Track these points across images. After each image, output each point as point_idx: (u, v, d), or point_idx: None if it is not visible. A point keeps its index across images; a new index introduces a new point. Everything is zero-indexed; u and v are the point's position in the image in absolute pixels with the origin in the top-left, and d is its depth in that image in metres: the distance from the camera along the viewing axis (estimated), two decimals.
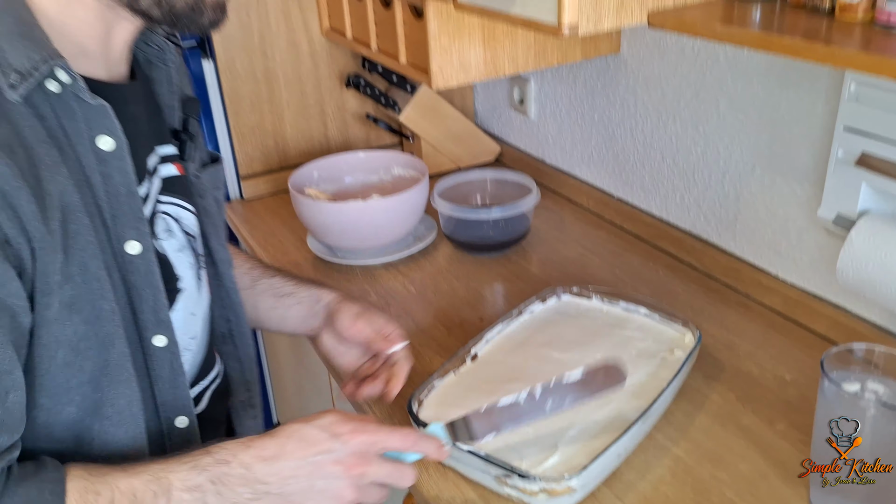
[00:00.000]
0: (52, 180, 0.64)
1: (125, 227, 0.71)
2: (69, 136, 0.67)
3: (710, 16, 0.89)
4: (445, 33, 1.22)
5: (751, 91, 1.14)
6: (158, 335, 0.75)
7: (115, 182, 0.70)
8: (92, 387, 0.70)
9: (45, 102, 0.65)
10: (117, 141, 0.70)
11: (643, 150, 1.38)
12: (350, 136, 1.80)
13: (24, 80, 0.62)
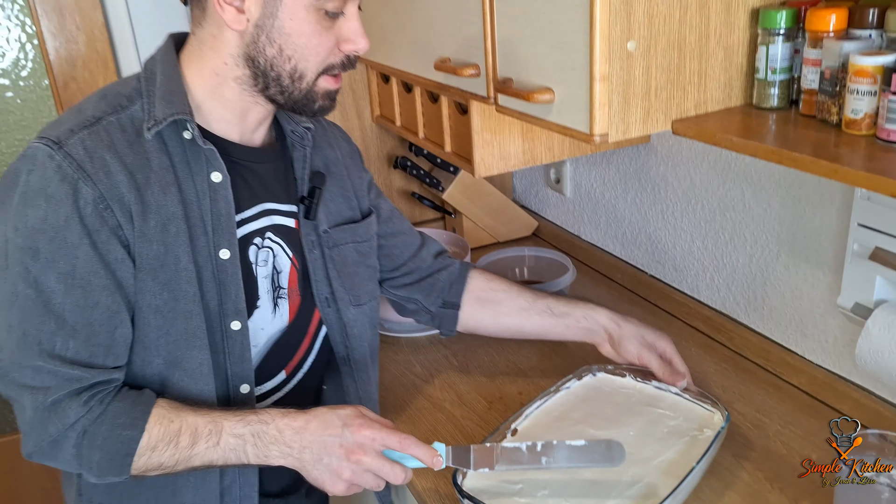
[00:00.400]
0: (161, 195, 0.91)
1: (221, 238, 0.96)
2: (192, 169, 0.93)
3: (729, 124, 0.97)
4: (488, 128, 1.32)
5: (773, 182, 1.22)
6: (235, 321, 0.98)
7: (219, 205, 0.95)
8: (174, 346, 0.94)
9: (178, 144, 0.93)
10: (224, 177, 0.95)
11: (674, 231, 1.46)
12: None
13: (156, 126, 0.90)
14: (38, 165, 0.86)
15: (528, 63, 1.06)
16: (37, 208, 0.85)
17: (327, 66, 0.95)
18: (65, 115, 0.92)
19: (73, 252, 0.86)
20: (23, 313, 0.87)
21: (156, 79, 0.94)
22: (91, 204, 0.86)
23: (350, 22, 0.94)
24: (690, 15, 0.95)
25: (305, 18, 0.90)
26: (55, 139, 0.87)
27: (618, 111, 0.96)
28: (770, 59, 0.97)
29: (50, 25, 1.96)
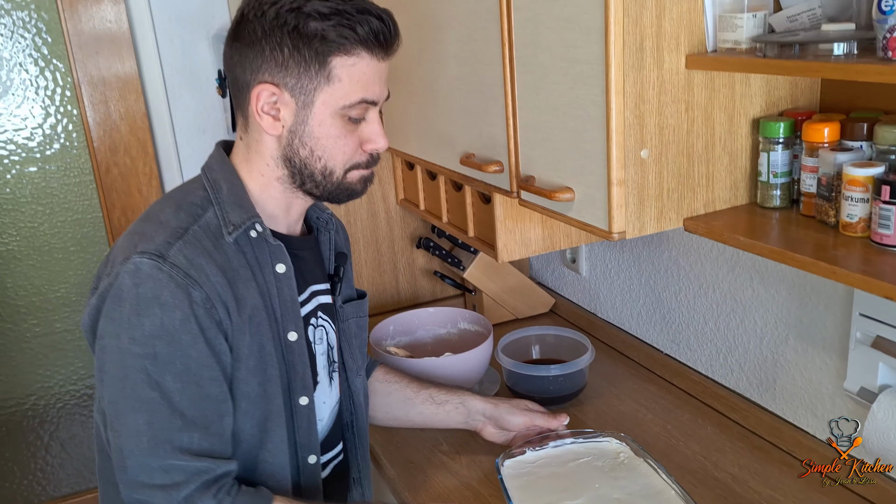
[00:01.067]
0: (245, 289, 1.01)
1: (288, 322, 1.07)
2: (260, 263, 1.05)
3: (736, 223, 1.06)
4: (510, 217, 1.42)
5: (779, 272, 1.30)
6: (303, 396, 1.09)
7: (284, 293, 1.07)
8: (259, 428, 1.05)
9: (247, 243, 1.04)
10: (287, 267, 1.07)
11: (687, 313, 1.53)
12: (418, 289, 2.00)
13: (236, 230, 1.02)
14: (145, 277, 0.94)
15: (549, 164, 1.16)
16: (152, 316, 0.93)
17: (353, 163, 1.06)
18: (148, 228, 1.00)
19: (187, 351, 0.95)
20: (150, 415, 0.94)
21: (221, 186, 1.05)
22: (201, 305, 0.96)
23: (371, 125, 1.06)
24: (697, 125, 1.05)
25: (332, 124, 1.02)
26: (156, 252, 0.95)
27: (634, 211, 1.05)
28: (771, 164, 1.06)
29: (95, 115, 2.09)
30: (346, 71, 1.00)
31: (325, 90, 1.00)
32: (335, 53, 0.99)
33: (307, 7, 0.97)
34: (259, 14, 0.98)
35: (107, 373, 0.96)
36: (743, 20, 0.96)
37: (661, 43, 0.99)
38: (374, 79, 1.03)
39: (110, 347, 0.95)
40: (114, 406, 0.95)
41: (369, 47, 1.00)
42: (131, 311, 0.94)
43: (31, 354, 2.21)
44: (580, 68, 1.03)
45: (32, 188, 2.11)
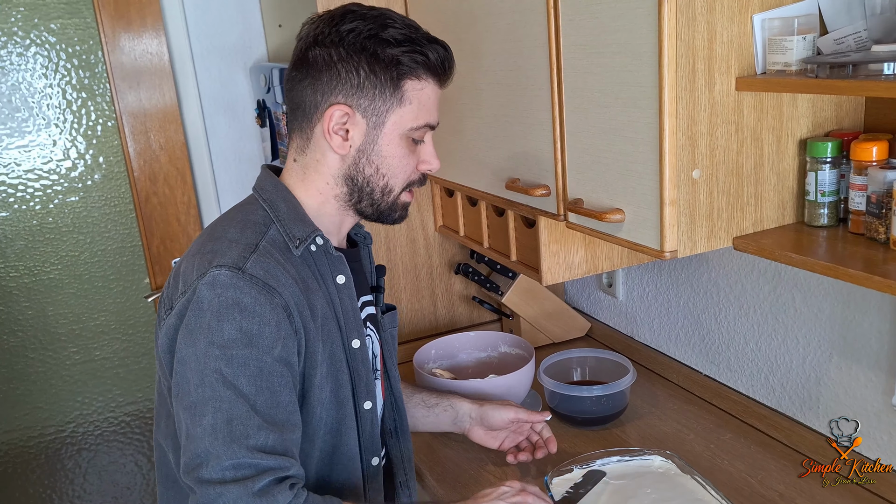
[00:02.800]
0: (316, 299, 1.07)
1: (351, 330, 1.13)
2: (322, 274, 1.10)
3: (785, 241, 1.09)
4: (554, 240, 1.45)
5: (822, 289, 1.32)
6: (367, 401, 1.15)
7: (346, 303, 1.13)
8: (332, 434, 1.10)
9: (310, 256, 1.10)
10: (347, 278, 1.13)
11: (728, 334, 1.55)
12: (455, 315, 2.03)
13: (302, 244, 1.08)
14: (226, 286, 0.98)
15: (598, 186, 1.19)
16: (231, 321, 0.97)
17: (409, 182, 1.14)
18: (218, 246, 1.03)
19: (262, 356, 0.98)
20: (228, 413, 0.95)
21: (279, 206, 1.10)
22: (281, 311, 0.99)
23: (427, 147, 1.14)
24: (746, 146, 1.08)
25: (399, 144, 1.10)
26: (234, 265, 0.99)
27: (685, 231, 1.08)
28: (819, 183, 1.09)
29: (136, 146, 2.15)
30: (416, 94, 1.08)
31: (396, 112, 1.08)
32: (408, 77, 1.06)
33: (384, 34, 1.04)
34: (336, 40, 1.05)
35: (185, 382, 0.97)
36: (793, 42, 1.00)
37: (713, 66, 1.03)
38: (435, 104, 1.12)
39: (188, 356, 0.98)
40: (192, 411, 0.96)
41: (436, 74, 1.09)
42: (212, 317, 0.97)
43: (70, 382, 2.24)
44: (632, 91, 1.06)
45: (74, 217, 2.16)
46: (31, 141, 2.08)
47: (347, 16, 1.06)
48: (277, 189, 1.12)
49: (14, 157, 2.07)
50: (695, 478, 1.26)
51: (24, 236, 2.12)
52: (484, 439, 1.42)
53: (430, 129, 1.12)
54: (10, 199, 2.09)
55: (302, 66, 1.08)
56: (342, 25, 1.05)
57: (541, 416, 1.40)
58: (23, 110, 2.05)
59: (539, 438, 1.42)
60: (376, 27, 1.04)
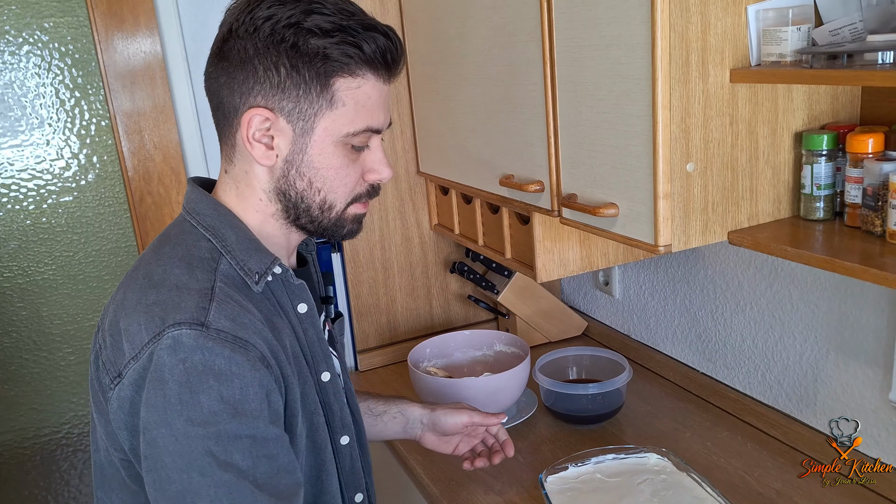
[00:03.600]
0: (284, 338, 0.92)
1: (319, 362, 1.00)
2: (282, 305, 0.96)
3: (781, 235, 1.07)
4: (548, 237, 1.43)
5: (819, 285, 1.31)
6: (344, 436, 1.04)
7: (311, 334, 0.99)
8: (314, 480, 0.99)
9: (267, 287, 0.95)
10: (310, 306, 0.98)
11: (724, 331, 1.54)
12: (451, 314, 2.01)
13: (262, 278, 0.93)
14: (190, 350, 0.81)
15: (592, 181, 1.18)
16: (208, 390, 0.80)
17: (355, 195, 0.97)
18: (165, 296, 0.86)
19: (253, 423, 0.83)
20: (231, 499, 0.81)
21: (225, 234, 0.93)
22: (260, 365, 0.84)
23: (374, 153, 0.96)
24: (741, 139, 1.07)
25: (333, 153, 0.92)
26: (195, 321, 0.82)
27: (679, 224, 1.06)
28: (815, 176, 1.08)
29: (130, 145, 2.14)
30: (350, 94, 0.90)
31: (327, 115, 0.90)
32: (339, 74, 0.89)
33: (307, 22, 0.86)
34: (251, 30, 0.87)
35: (164, 468, 0.81)
36: (787, 33, 0.98)
37: (707, 57, 1.02)
38: (379, 103, 0.94)
39: (163, 438, 0.81)
40: (183, 500, 0.81)
41: (375, 68, 0.91)
42: (181, 389, 0.80)
43: (65, 383, 2.22)
44: (626, 84, 1.05)
45: (68, 217, 2.14)
46: (24, 140, 2.07)
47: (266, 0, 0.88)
48: (218, 213, 0.94)
49: (7, 157, 2.06)
50: (691, 475, 1.25)
51: (18, 236, 2.11)
52: (437, 445, 1.29)
53: (372, 133, 0.94)
54: (3, 198, 2.08)
55: (217, 60, 0.91)
56: (258, 11, 0.87)
57: (496, 419, 1.28)
58: (15, 109, 2.04)
59: (495, 442, 1.31)
60: (298, 13, 0.86)
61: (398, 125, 1.82)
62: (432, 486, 1.40)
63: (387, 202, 1.86)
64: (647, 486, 1.25)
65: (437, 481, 1.41)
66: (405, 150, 1.84)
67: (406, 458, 1.51)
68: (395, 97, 1.79)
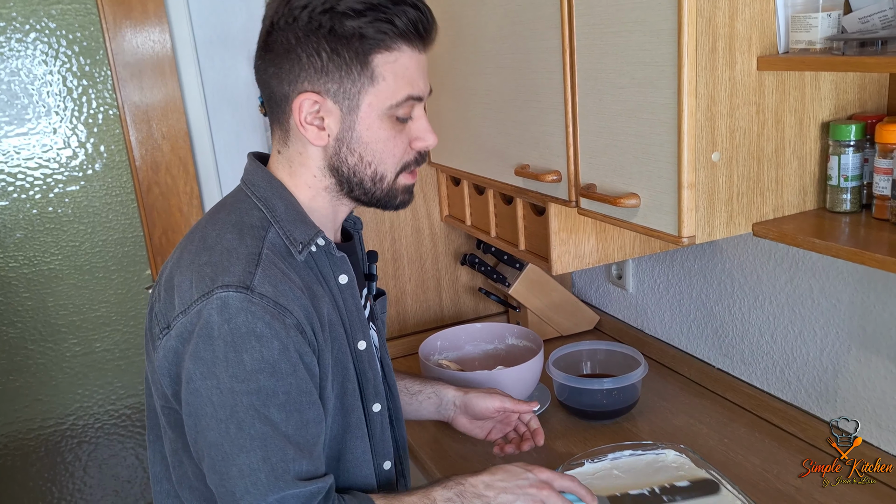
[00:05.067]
0: (322, 304, 0.98)
1: (357, 331, 1.06)
2: (324, 276, 1.02)
3: (806, 227, 1.05)
4: (564, 228, 1.41)
5: (841, 278, 1.28)
6: (376, 403, 1.09)
7: (349, 303, 1.05)
8: (336, 441, 1.03)
9: (311, 257, 1.01)
10: (350, 277, 1.05)
11: (742, 326, 1.51)
12: (461, 306, 1.99)
13: (305, 248, 0.99)
14: (236, 311, 0.89)
15: (612, 170, 1.15)
16: (251, 350, 0.89)
17: (404, 164, 1.02)
18: (217, 258, 0.93)
19: (287, 380, 0.91)
20: (265, 451, 0.89)
21: (275, 205, 1.00)
22: (296, 331, 0.92)
23: (418, 121, 1.01)
24: (767, 128, 1.05)
25: (380, 126, 0.98)
26: (241, 284, 0.90)
27: (704, 215, 1.04)
28: (842, 167, 1.05)
29: (138, 135, 2.11)
30: (388, 68, 0.95)
31: (369, 91, 0.96)
32: (376, 51, 0.94)
33: (340, 6, 0.92)
34: (290, 21, 0.93)
35: (205, 416, 0.90)
36: (818, 20, 0.96)
37: (734, 44, 0.99)
38: (417, 73, 0.98)
39: (206, 389, 0.90)
40: (217, 448, 0.90)
41: (409, 40, 0.95)
42: (227, 347, 0.89)
43: (70, 374, 2.21)
44: (649, 71, 1.03)
45: (74, 207, 2.12)
46: (31, 129, 2.05)
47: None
48: (272, 185, 1.01)
49: (13, 145, 2.03)
50: (710, 472, 1.23)
51: (24, 226, 2.09)
52: (469, 429, 1.33)
53: (416, 101, 0.99)
54: (10, 187, 2.06)
55: (264, 52, 0.98)
56: (294, 2, 0.93)
57: (528, 406, 1.30)
58: (22, 97, 2.02)
59: (526, 430, 1.33)
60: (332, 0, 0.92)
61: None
62: None
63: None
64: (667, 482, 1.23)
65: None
66: None
67: (417, 452, 1.49)
68: None
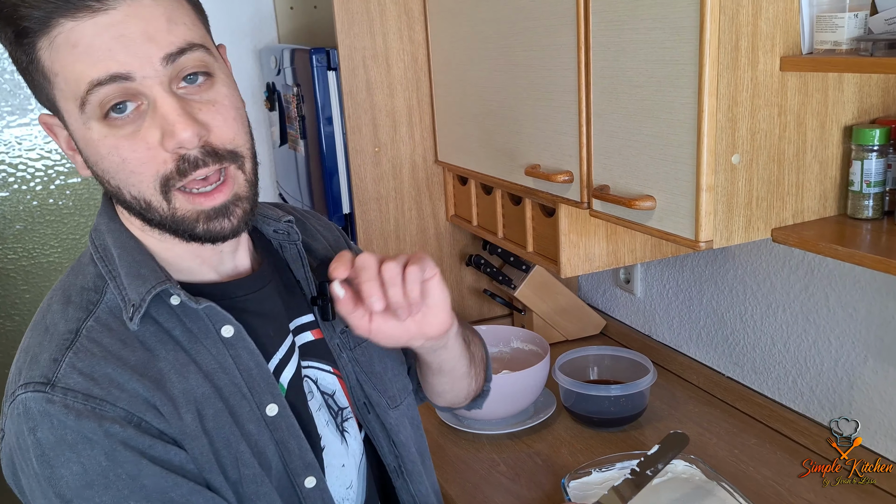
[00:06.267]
0: (176, 386, 0.76)
1: (262, 394, 0.81)
2: (196, 336, 0.79)
3: (827, 233, 1.02)
4: (574, 230, 1.38)
5: (859, 288, 1.25)
6: (309, 477, 0.84)
7: (245, 360, 0.81)
8: None
9: (171, 315, 0.78)
10: (235, 328, 0.80)
11: (753, 334, 1.48)
12: (465, 308, 1.96)
13: (136, 311, 0.75)
14: (38, 418, 0.71)
15: (627, 172, 1.12)
16: (68, 464, 0.71)
17: (162, 178, 0.73)
18: (33, 341, 0.77)
19: (135, 484, 0.72)
20: None
21: (111, 254, 0.79)
22: (126, 425, 0.72)
23: (159, 111, 0.71)
24: (789, 131, 1.02)
25: (89, 133, 0.73)
26: (42, 380, 0.72)
27: (722, 219, 1.01)
28: (865, 173, 1.02)
29: None
30: (53, 56, 0.70)
31: (55, 94, 0.72)
32: (36, 38, 0.69)
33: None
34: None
35: None
36: (844, 20, 0.92)
37: (757, 43, 0.96)
38: (99, 46, 0.69)
39: None
40: None
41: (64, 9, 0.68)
42: (41, 464, 0.71)
43: None
44: (669, 70, 0.99)
45: (76, 199, 2.10)
46: (33, 119, 2.02)
47: None
48: (110, 228, 0.80)
49: (15, 135, 2.01)
50: (721, 484, 1.20)
51: (24, 217, 2.06)
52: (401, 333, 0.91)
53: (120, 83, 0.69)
54: (10, 178, 2.03)
55: None
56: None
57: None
58: (25, 87, 1.99)
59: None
60: None
61: (416, 111, 1.76)
62: (445, 486, 1.35)
63: (403, 191, 1.80)
64: (675, 494, 1.20)
65: (450, 482, 1.36)
66: (423, 138, 1.78)
67: None
68: (415, 82, 1.74)
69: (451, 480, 1.36)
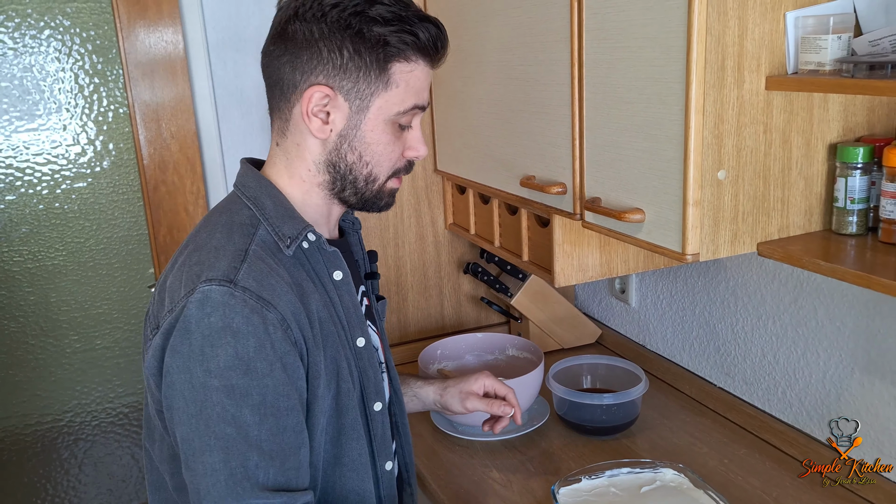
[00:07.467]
0: (312, 302, 0.98)
1: (354, 328, 1.06)
2: (318, 273, 1.02)
3: (812, 249, 1.04)
4: (568, 241, 1.40)
5: (846, 301, 1.27)
6: (377, 402, 1.08)
7: (346, 300, 1.05)
8: (332, 444, 1.02)
9: (302, 254, 1.01)
10: (345, 273, 1.05)
11: (744, 345, 1.50)
12: (462, 316, 1.98)
13: (293, 243, 0.99)
14: (216, 305, 0.88)
15: (618, 185, 1.15)
16: (225, 346, 0.87)
17: (395, 170, 1.05)
18: (205, 256, 0.94)
19: (263, 381, 0.89)
20: (226, 453, 0.88)
21: (264, 203, 1.01)
22: (278, 327, 0.90)
23: (415, 132, 1.05)
24: (774, 148, 1.04)
25: (384, 130, 1.01)
26: (225, 278, 0.90)
27: (708, 233, 1.03)
28: (849, 189, 1.04)
29: (147, 133, 2.12)
30: (403, 77, 0.99)
31: (382, 96, 0.98)
32: (396, 59, 0.97)
33: (371, 11, 0.95)
34: (318, 15, 0.95)
35: (178, 410, 0.90)
36: (827, 42, 0.95)
37: (743, 63, 0.99)
38: (425, 86, 1.03)
39: (180, 383, 0.89)
40: (188, 444, 0.90)
41: (427, 54, 0.99)
42: (203, 342, 0.88)
43: (70, 370, 2.20)
44: (658, 87, 1.02)
45: (81, 203, 2.13)
46: (41, 124, 2.06)
47: None
48: (260, 184, 1.02)
49: (23, 140, 2.04)
50: (708, 493, 1.22)
51: (30, 220, 2.09)
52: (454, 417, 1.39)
53: (419, 111, 1.03)
54: (17, 182, 2.06)
55: (280, 40, 0.98)
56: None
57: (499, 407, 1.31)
58: (34, 93, 2.03)
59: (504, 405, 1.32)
60: (363, 3, 0.95)
61: None
62: (440, 492, 1.37)
63: (402, 199, 1.83)
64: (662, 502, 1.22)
65: (444, 489, 1.38)
66: None
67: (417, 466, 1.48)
68: None
69: (444, 486, 1.38)
